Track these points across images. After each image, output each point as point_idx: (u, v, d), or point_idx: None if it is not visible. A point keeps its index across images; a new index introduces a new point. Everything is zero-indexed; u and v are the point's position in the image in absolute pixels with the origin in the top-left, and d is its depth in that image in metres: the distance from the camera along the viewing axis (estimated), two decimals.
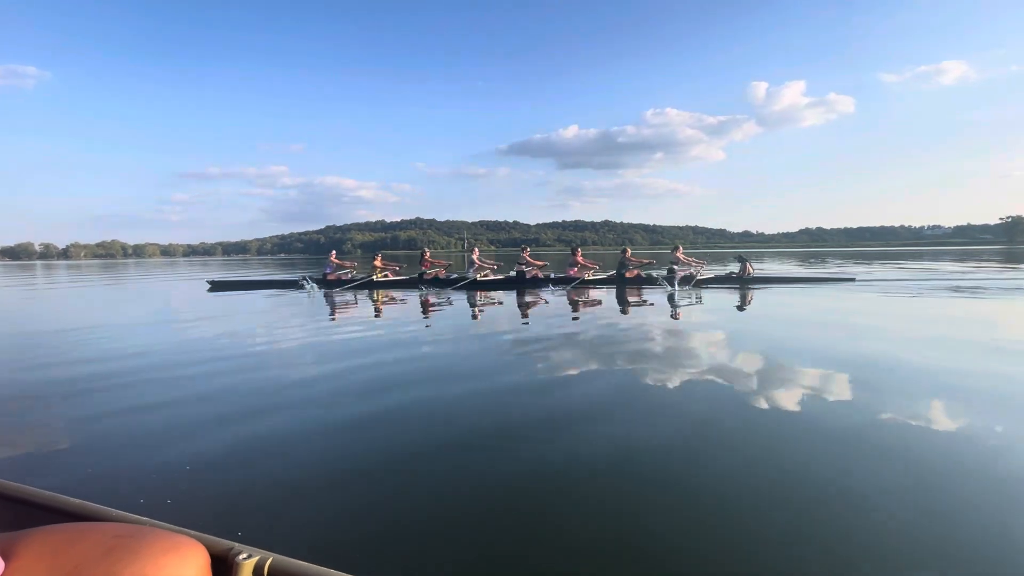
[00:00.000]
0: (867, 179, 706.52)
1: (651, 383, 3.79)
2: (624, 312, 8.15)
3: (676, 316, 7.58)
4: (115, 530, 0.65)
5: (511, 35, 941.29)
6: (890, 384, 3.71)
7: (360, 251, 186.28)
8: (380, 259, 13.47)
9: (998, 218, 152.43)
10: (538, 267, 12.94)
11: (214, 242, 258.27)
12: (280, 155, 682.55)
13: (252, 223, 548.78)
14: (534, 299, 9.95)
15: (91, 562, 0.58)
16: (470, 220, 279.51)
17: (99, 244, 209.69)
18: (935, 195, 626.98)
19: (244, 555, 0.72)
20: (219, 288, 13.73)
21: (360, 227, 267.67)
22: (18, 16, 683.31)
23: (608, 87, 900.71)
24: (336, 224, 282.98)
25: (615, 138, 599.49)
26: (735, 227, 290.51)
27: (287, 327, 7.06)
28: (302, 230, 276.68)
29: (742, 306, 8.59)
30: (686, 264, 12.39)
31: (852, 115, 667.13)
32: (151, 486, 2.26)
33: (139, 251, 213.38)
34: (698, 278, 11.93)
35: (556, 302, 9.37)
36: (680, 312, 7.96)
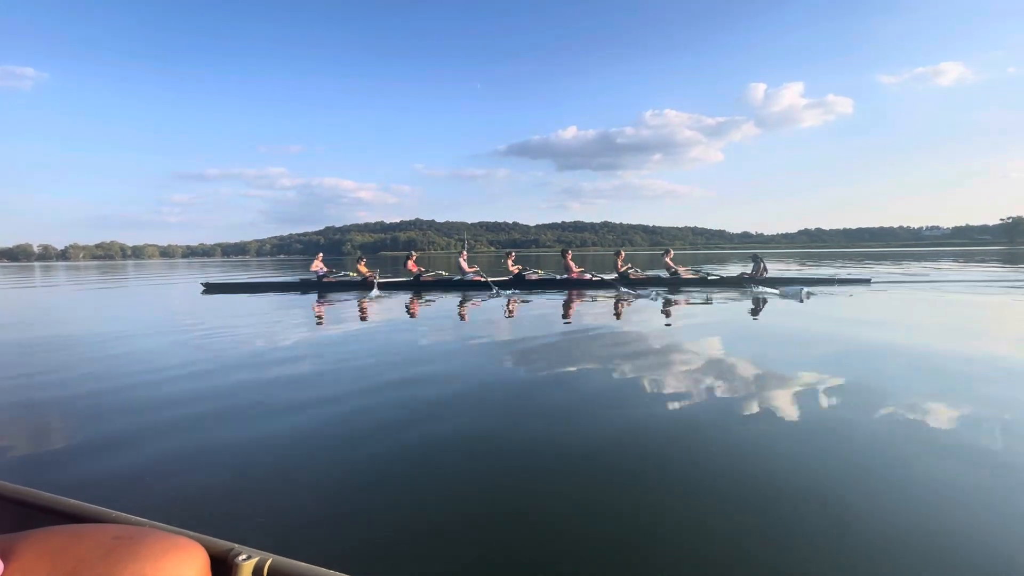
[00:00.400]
0: (865, 180, 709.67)
1: (653, 384, 3.75)
2: (620, 319, 7.80)
3: (675, 319, 7.22)
4: (115, 531, 0.65)
5: (509, 36, 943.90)
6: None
7: (360, 252, 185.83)
8: (363, 263, 13.39)
9: (999, 219, 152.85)
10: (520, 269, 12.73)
11: (213, 243, 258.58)
12: (279, 156, 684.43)
13: (251, 224, 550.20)
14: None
15: (90, 563, 0.58)
16: (470, 221, 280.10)
17: (98, 245, 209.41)
18: (933, 196, 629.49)
19: (244, 556, 0.71)
20: (214, 291, 13.44)
21: (359, 228, 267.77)
22: (16, 17, 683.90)
23: (607, 88, 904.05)
24: (335, 225, 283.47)
25: (614, 139, 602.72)
26: (734, 228, 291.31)
27: (284, 328, 6.94)
28: (301, 231, 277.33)
29: (757, 309, 8.22)
30: (674, 270, 12.10)
31: (850, 116, 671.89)
32: (150, 488, 2.25)
33: (138, 252, 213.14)
34: (710, 278, 11.70)
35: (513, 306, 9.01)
36: (693, 313, 7.61)
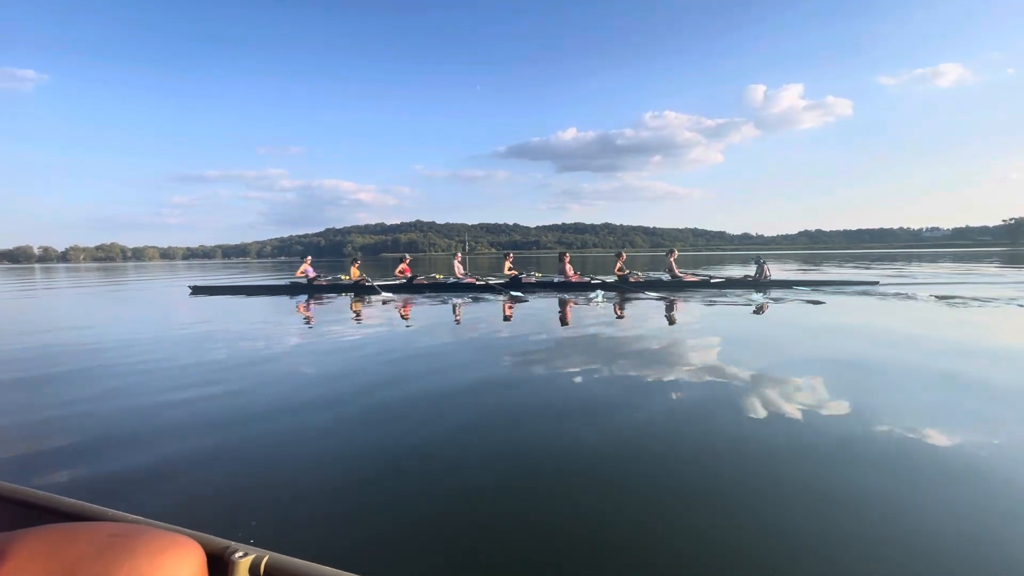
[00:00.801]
0: (865, 181, 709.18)
1: (655, 385, 3.75)
2: (621, 322, 7.78)
3: (684, 319, 7.21)
4: (110, 529, 0.64)
5: (509, 38, 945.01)
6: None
7: (360, 254, 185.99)
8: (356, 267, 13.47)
9: (1001, 220, 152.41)
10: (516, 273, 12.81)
11: (213, 245, 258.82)
12: (279, 158, 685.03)
13: (251, 226, 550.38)
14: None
15: (86, 561, 0.58)
16: (470, 223, 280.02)
17: (98, 247, 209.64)
18: (933, 197, 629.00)
19: (240, 553, 0.71)
20: (201, 293, 13.12)
21: (360, 230, 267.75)
22: (17, 20, 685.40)
23: (606, 90, 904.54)
24: (336, 227, 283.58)
25: (614, 141, 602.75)
26: (734, 229, 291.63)
27: (274, 330, 6.96)
28: (301, 233, 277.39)
29: (759, 311, 8.20)
30: (678, 273, 12.12)
31: (850, 118, 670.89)
32: (146, 486, 2.26)
33: (138, 254, 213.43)
34: (712, 281, 11.74)
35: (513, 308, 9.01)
36: (703, 315, 7.60)
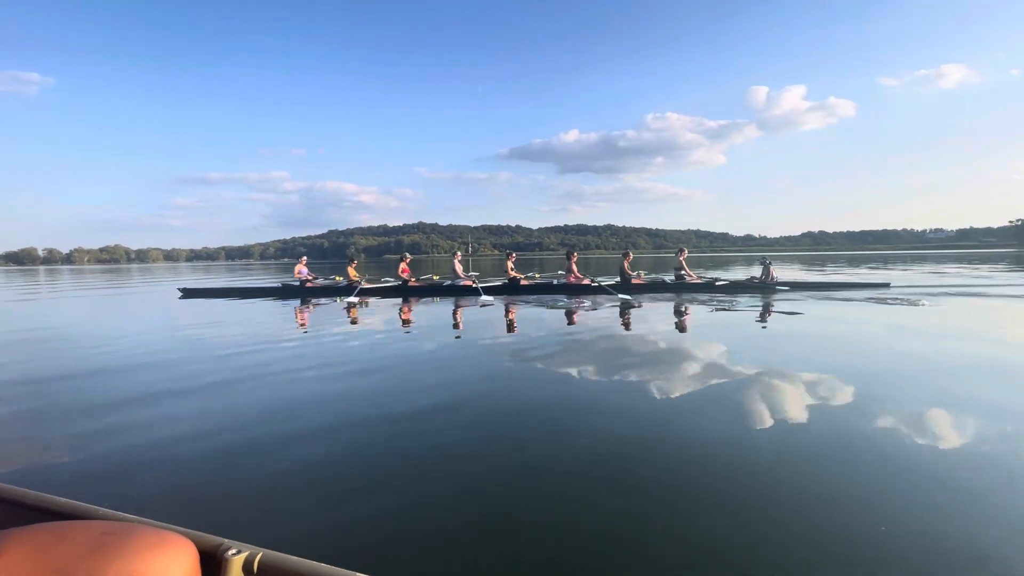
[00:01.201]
0: (869, 182, 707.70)
1: (661, 387, 3.74)
2: (626, 325, 7.70)
3: (687, 324, 7.12)
4: (102, 527, 0.64)
5: (511, 40, 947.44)
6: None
7: (364, 255, 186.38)
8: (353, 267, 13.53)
9: (1007, 221, 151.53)
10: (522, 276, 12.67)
11: (217, 247, 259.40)
12: (281, 160, 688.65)
13: (254, 228, 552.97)
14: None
15: (78, 559, 0.58)
16: (473, 224, 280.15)
17: (102, 249, 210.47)
18: (937, 198, 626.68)
19: (233, 551, 0.71)
20: (191, 296, 12.91)
21: (363, 231, 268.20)
22: (21, 23, 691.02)
23: (608, 91, 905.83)
24: (338, 229, 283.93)
25: (616, 142, 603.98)
26: (737, 231, 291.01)
27: (265, 330, 7.00)
28: (304, 235, 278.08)
29: (765, 314, 8.10)
30: (688, 273, 11.98)
31: (853, 119, 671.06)
32: (139, 485, 2.26)
33: (142, 256, 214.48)
34: (718, 283, 11.58)
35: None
36: (710, 319, 7.51)
